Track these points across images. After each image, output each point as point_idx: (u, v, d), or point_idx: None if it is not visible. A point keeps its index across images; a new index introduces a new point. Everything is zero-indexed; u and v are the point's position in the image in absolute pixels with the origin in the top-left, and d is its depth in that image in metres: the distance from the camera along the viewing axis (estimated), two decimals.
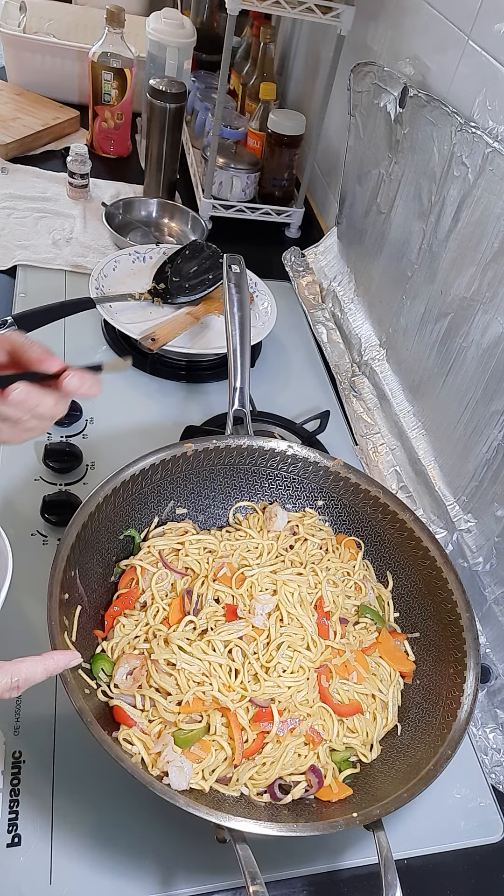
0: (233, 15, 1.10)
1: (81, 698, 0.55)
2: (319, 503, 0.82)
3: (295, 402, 1.06)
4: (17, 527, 0.81)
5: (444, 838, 0.68)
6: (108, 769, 0.64)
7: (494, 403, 0.78)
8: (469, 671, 0.65)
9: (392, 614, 0.76)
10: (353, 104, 1.15)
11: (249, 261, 0.94)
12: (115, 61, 1.40)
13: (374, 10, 1.16)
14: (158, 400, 1.02)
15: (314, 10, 1.13)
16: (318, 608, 0.71)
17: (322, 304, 1.27)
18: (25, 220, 1.26)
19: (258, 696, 0.63)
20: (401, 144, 1.00)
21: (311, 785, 0.62)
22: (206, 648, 0.64)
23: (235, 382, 0.81)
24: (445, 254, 0.88)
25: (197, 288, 1.12)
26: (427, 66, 0.98)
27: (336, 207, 1.29)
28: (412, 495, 0.94)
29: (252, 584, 0.70)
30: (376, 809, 0.56)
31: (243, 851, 0.52)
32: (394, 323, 1.04)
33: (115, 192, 1.40)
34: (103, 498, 0.68)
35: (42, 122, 1.47)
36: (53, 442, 0.90)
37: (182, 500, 0.78)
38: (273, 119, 1.32)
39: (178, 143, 1.31)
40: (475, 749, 0.75)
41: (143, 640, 0.66)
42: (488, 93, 0.83)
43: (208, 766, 0.60)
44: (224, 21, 1.43)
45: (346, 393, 1.10)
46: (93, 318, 1.07)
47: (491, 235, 0.78)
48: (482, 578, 0.79)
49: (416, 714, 0.68)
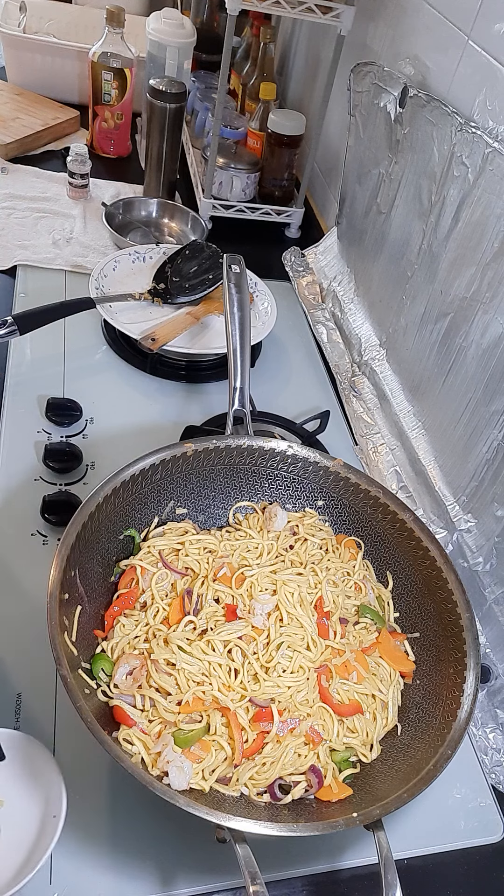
0: (233, 15, 1.10)
1: (81, 698, 0.55)
2: (319, 503, 0.82)
3: (295, 402, 1.06)
4: (17, 527, 0.81)
5: (444, 838, 0.68)
6: (108, 769, 0.64)
7: (494, 403, 0.78)
8: (469, 671, 0.65)
9: (392, 614, 0.76)
10: (353, 104, 1.15)
11: (249, 261, 0.94)
12: (115, 61, 1.40)
13: (374, 10, 1.16)
14: (158, 400, 1.02)
15: (314, 10, 1.13)
16: (318, 608, 0.71)
17: (322, 304, 1.27)
18: (25, 220, 1.26)
19: (258, 696, 0.63)
20: (401, 144, 1.00)
21: (311, 785, 0.62)
22: (206, 648, 0.64)
23: (235, 382, 0.81)
24: (445, 254, 0.88)
25: (197, 288, 1.12)
26: (427, 66, 0.98)
27: (336, 207, 1.29)
28: (412, 495, 0.94)
29: (252, 584, 0.70)
30: (376, 809, 0.56)
31: (243, 851, 0.52)
32: (394, 323, 1.04)
33: (115, 192, 1.40)
34: (103, 498, 0.68)
35: (42, 122, 1.47)
36: (53, 442, 0.90)
37: (182, 500, 0.78)
38: (273, 119, 1.32)
39: (178, 143, 1.31)
40: (475, 749, 0.75)
41: (143, 640, 0.66)
42: (488, 93, 0.83)
43: (208, 766, 0.60)
44: (224, 21, 1.43)
45: (346, 393, 1.10)
46: (93, 318, 1.07)
47: (491, 235, 0.78)
48: (482, 578, 0.79)
49: (416, 714, 0.68)
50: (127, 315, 1.06)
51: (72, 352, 1.04)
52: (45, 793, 0.58)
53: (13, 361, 1.00)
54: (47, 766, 0.59)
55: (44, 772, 0.59)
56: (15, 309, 1.08)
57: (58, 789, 0.57)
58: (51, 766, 0.59)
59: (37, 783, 0.59)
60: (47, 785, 0.58)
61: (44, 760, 0.59)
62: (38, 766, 0.59)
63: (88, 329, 1.09)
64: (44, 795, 0.58)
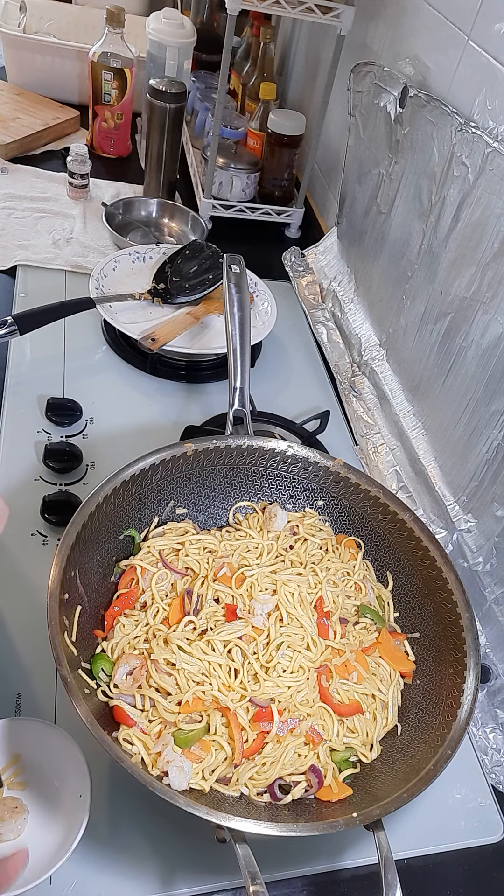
0: (233, 15, 1.10)
1: (81, 698, 0.55)
2: (319, 503, 0.82)
3: (295, 402, 1.06)
4: (17, 527, 0.81)
5: (444, 838, 0.68)
6: (108, 769, 0.64)
7: (494, 403, 0.78)
8: (469, 671, 0.65)
9: (392, 614, 0.76)
10: (353, 104, 1.15)
11: (249, 261, 0.94)
12: (115, 61, 1.40)
13: (374, 10, 1.16)
14: (158, 400, 1.02)
15: (314, 10, 1.13)
16: (318, 608, 0.71)
17: (322, 304, 1.27)
18: (25, 220, 1.26)
19: (258, 695, 0.63)
20: (401, 144, 1.00)
21: (311, 785, 0.62)
22: (206, 648, 0.64)
23: (235, 382, 0.81)
24: (445, 254, 0.88)
25: (197, 288, 1.12)
26: (427, 66, 0.98)
27: (336, 207, 1.29)
28: (412, 495, 0.94)
29: (252, 584, 0.70)
30: (376, 809, 0.56)
31: (243, 851, 0.52)
32: (394, 323, 1.04)
33: (115, 192, 1.40)
34: (103, 498, 0.68)
35: (42, 122, 1.47)
36: (53, 442, 0.90)
37: (182, 500, 0.78)
38: (273, 119, 1.32)
39: (178, 143, 1.31)
40: (475, 749, 0.75)
41: (143, 640, 0.66)
42: (488, 93, 0.83)
43: (208, 766, 0.60)
44: (224, 21, 1.43)
45: (346, 393, 1.10)
46: (93, 318, 1.07)
47: (491, 235, 0.78)
48: (482, 578, 0.79)
49: (416, 714, 0.68)
50: (127, 315, 1.06)
51: (72, 352, 1.04)
52: (67, 774, 0.60)
53: (13, 361, 1.00)
54: (66, 747, 0.60)
55: (64, 753, 0.60)
56: (15, 309, 1.08)
57: (81, 769, 0.59)
58: (70, 746, 0.60)
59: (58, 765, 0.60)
60: (69, 766, 0.60)
61: (61, 741, 0.61)
62: (58, 748, 0.61)
63: (88, 329, 1.09)
64: (67, 776, 0.60)
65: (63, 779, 0.60)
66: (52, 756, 0.61)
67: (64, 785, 0.60)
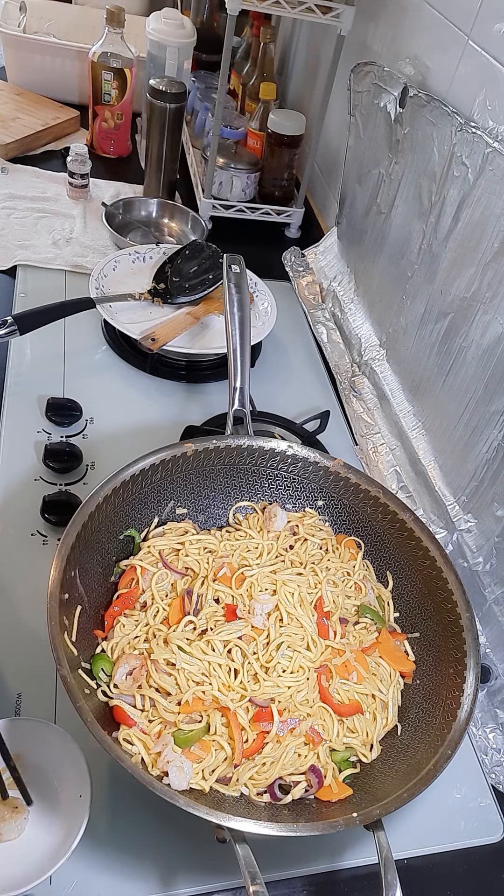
0: (233, 15, 1.10)
1: (81, 698, 0.55)
2: (319, 503, 0.82)
3: (295, 402, 1.06)
4: (17, 527, 0.81)
5: (444, 838, 0.68)
6: (108, 769, 0.64)
7: (494, 403, 0.78)
8: (469, 671, 0.65)
9: (392, 614, 0.76)
10: (353, 104, 1.15)
11: (249, 261, 0.94)
12: (115, 61, 1.40)
13: (374, 10, 1.16)
14: (158, 400, 1.02)
15: (314, 10, 1.13)
16: (318, 608, 0.71)
17: (322, 304, 1.27)
18: (25, 220, 1.26)
19: (258, 696, 0.63)
20: (401, 144, 1.00)
21: (311, 785, 0.62)
22: (206, 648, 0.64)
23: (235, 382, 0.81)
24: (445, 254, 0.88)
25: (197, 288, 1.12)
26: (427, 66, 0.98)
27: (336, 207, 1.29)
28: (412, 495, 0.94)
29: (252, 584, 0.70)
30: (376, 809, 0.56)
31: (243, 851, 0.52)
32: (394, 323, 1.04)
33: (115, 192, 1.40)
34: (103, 498, 0.68)
35: (42, 122, 1.47)
36: (53, 442, 0.90)
37: (182, 500, 0.78)
38: (273, 119, 1.32)
39: (178, 143, 1.31)
40: (475, 749, 0.75)
41: (143, 640, 0.66)
42: (488, 93, 0.83)
43: (208, 766, 0.60)
44: (224, 21, 1.43)
45: (346, 393, 1.10)
46: (93, 318, 1.07)
47: (491, 235, 0.78)
48: (482, 578, 0.79)
49: (416, 714, 0.68)
50: (127, 315, 1.06)
51: (72, 352, 1.04)
52: (67, 774, 0.60)
53: (13, 361, 1.00)
54: (66, 747, 0.60)
55: (64, 753, 0.60)
56: (15, 309, 1.08)
57: (81, 769, 0.59)
58: (70, 746, 0.60)
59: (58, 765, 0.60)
60: (69, 766, 0.60)
61: (61, 741, 0.61)
62: (58, 748, 0.61)
63: (88, 329, 1.09)
64: (67, 776, 0.60)
65: (63, 779, 0.60)
66: (52, 756, 0.61)
67: (64, 785, 0.60)
